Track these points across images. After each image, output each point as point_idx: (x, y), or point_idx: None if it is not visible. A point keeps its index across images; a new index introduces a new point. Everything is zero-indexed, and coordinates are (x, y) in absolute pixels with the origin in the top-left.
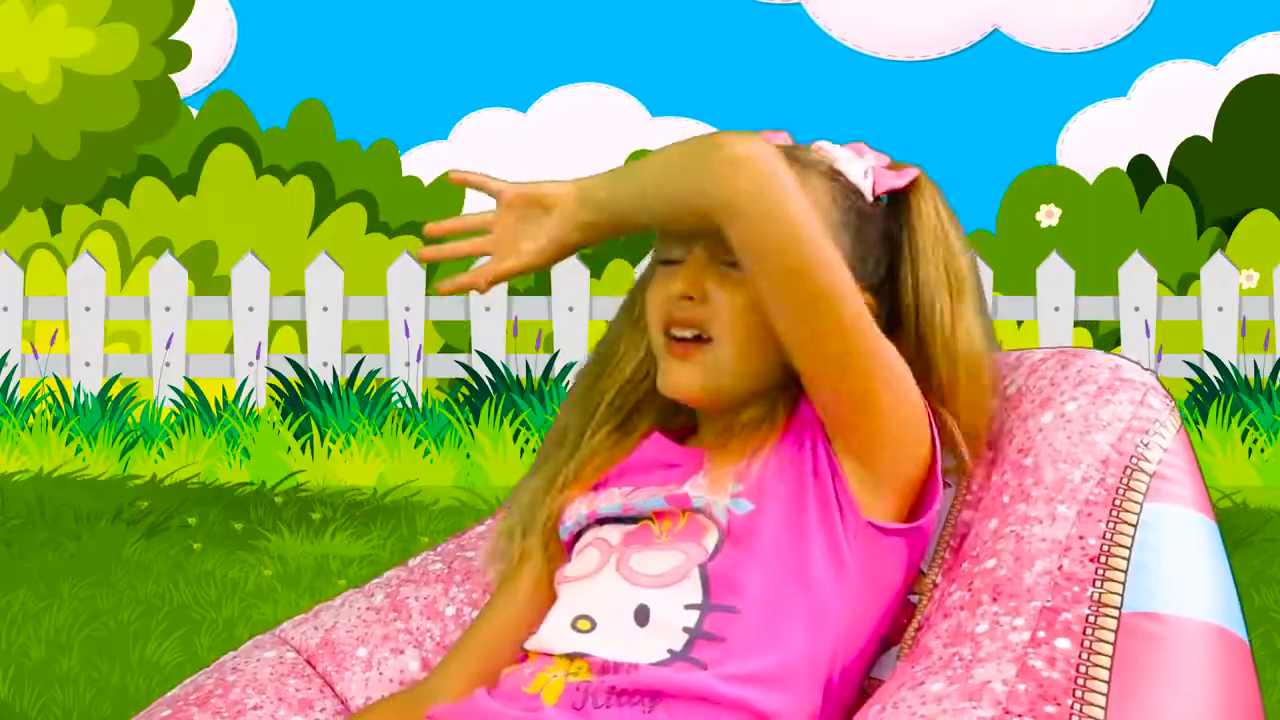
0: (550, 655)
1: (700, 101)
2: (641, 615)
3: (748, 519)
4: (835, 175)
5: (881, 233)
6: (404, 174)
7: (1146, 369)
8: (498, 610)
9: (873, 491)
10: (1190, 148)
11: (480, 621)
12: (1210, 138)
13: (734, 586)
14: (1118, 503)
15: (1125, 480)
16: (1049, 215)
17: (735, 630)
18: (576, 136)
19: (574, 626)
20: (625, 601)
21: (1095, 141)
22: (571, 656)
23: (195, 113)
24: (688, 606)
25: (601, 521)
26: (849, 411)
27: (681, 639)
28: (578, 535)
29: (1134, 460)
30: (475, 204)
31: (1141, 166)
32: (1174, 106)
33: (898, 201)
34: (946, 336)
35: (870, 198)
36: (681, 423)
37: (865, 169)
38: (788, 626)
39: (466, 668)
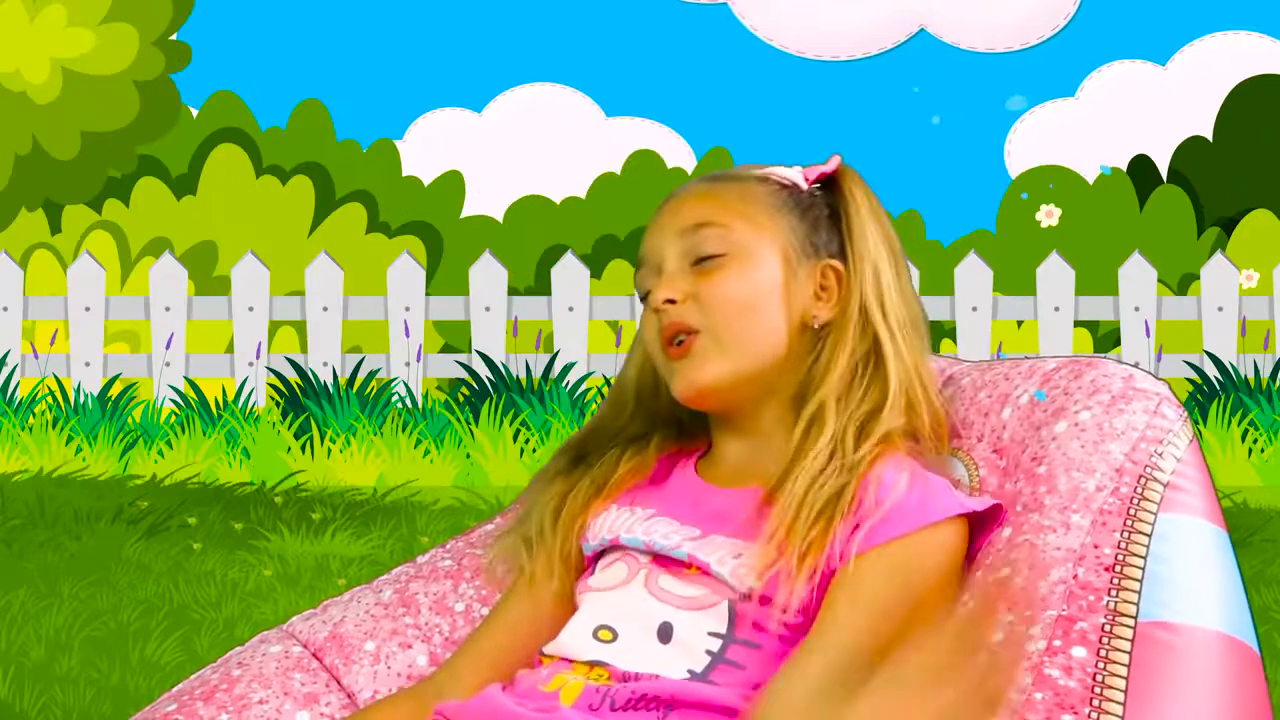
0: (570, 661)
1: (655, 102)
2: (665, 632)
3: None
4: (768, 180)
5: (827, 211)
6: (404, 174)
7: (1160, 379)
8: (509, 611)
9: None
10: (1190, 148)
11: (491, 621)
12: (1210, 137)
13: (760, 628)
14: (1132, 512)
15: (1139, 490)
16: (1049, 215)
17: (757, 662)
18: (531, 136)
19: (595, 636)
20: (650, 617)
21: (1042, 142)
22: (591, 664)
23: (195, 113)
24: (711, 634)
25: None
26: None
27: (703, 661)
28: (600, 551)
29: (1148, 470)
30: (475, 205)
31: (1141, 166)
32: (1121, 106)
33: (831, 187)
34: (889, 302)
35: (805, 185)
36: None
37: (789, 169)
38: None
39: (476, 667)
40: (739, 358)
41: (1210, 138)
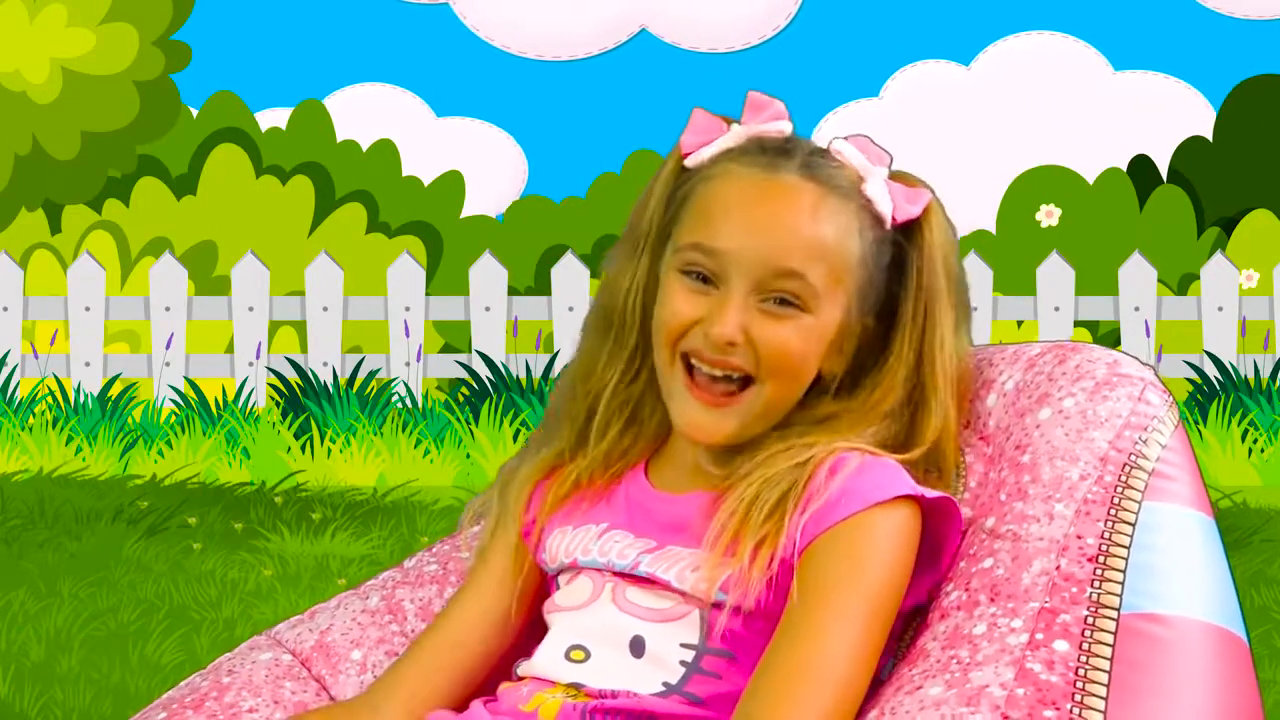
0: (548, 681)
1: (484, 101)
2: (637, 646)
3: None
4: (862, 200)
5: (891, 258)
6: (404, 174)
7: (1145, 364)
8: (444, 625)
9: None
10: (1190, 148)
11: (426, 636)
12: (1210, 137)
13: (734, 637)
14: (1116, 501)
15: (1124, 478)
16: (1049, 215)
17: (732, 671)
18: (375, 134)
19: (568, 657)
20: (621, 632)
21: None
22: (568, 685)
23: (195, 113)
24: (684, 645)
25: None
26: None
27: (678, 673)
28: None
29: (1132, 458)
30: (474, 205)
31: (1141, 166)
32: (925, 106)
33: (909, 223)
34: (947, 361)
35: (889, 227)
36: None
37: (885, 189)
38: None
39: (408, 683)
40: (765, 415)
41: (1210, 138)
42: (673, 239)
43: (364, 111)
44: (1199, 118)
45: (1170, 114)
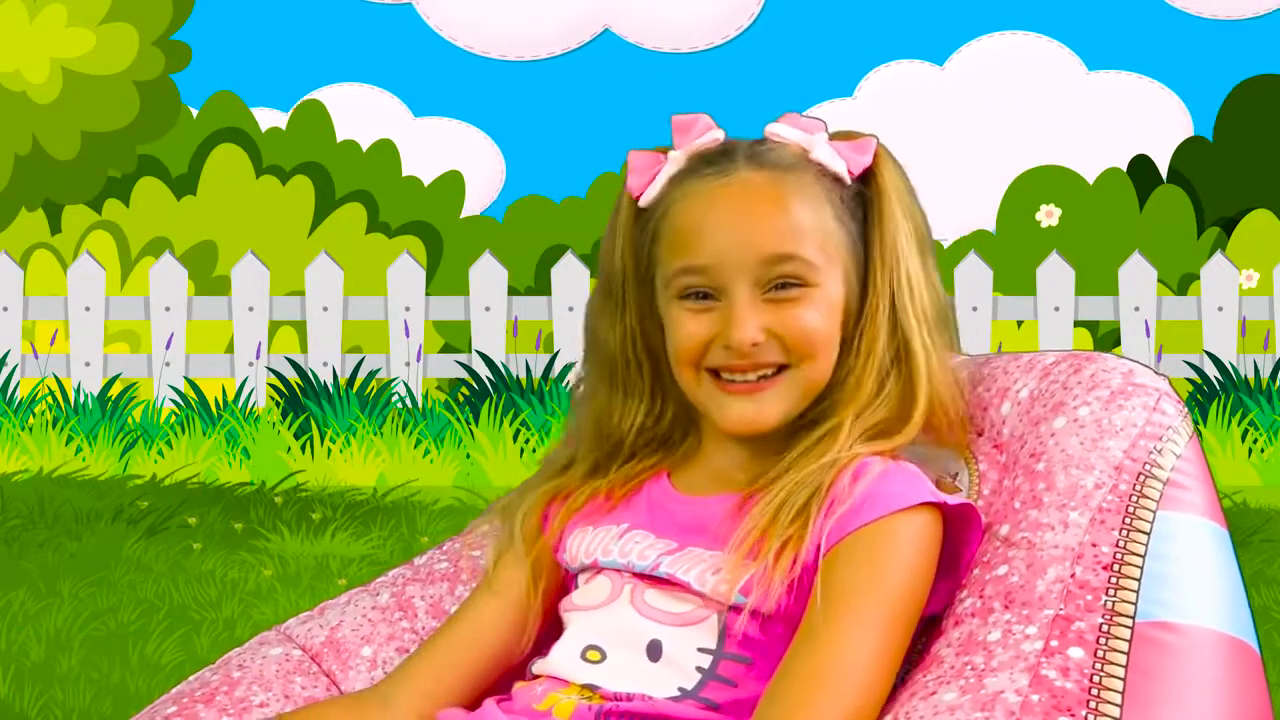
0: (563, 680)
1: (461, 102)
2: (654, 650)
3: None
4: (816, 167)
5: (863, 214)
6: (404, 174)
7: (1160, 374)
8: (461, 623)
9: None
10: (1190, 148)
11: (442, 633)
12: (1210, 137)
13: (751, 642)
14: (1131, 510)
15: (1138, 487)
16: (1049, 215)
17: (749, 679)
18: (339, 134)
19: (584, 657)
20: (638, 635)
21: None
22: (583, 686)
23: (195, 113)
24: (701, 650)
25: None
26: None
27: (694, 678)
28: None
29: (1147, 467)
30: (474, 205)
31: (1141, 166)
32: (899, 105)
33: (864, 176)
34: (919, 296)
35: (849, 180)
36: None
37: (830, 150)
38: None
39: (421, 679)
40: (809, 393)
41: (1210, 138)
42: (659, 276)
43: (348, 111)
44: (1173, 118)
45: (1145, 114)
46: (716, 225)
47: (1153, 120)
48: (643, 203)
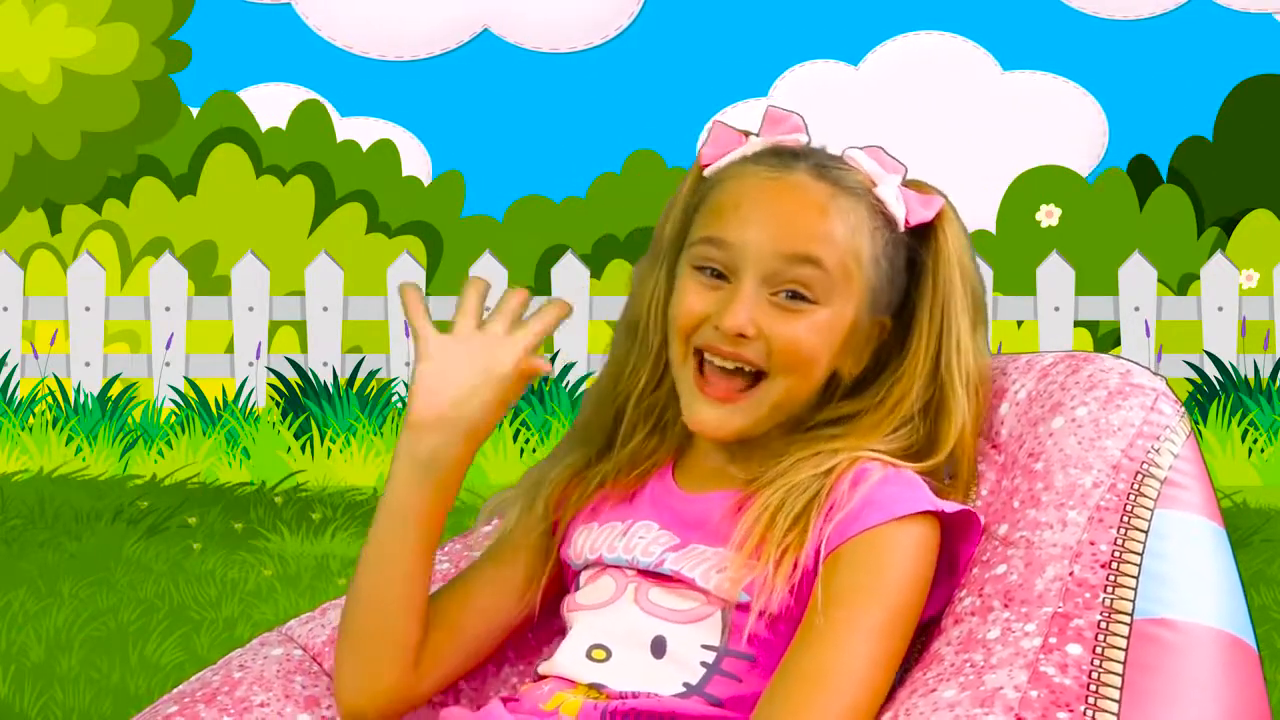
0: (569, 681)
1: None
2: (658, 647)
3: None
4: (873, 201)
5: (905, 260)
6: (403, 174)
7: (1157, 374)
8: (461, 588)
9: None
10: (1190, 148)
11: (450, 585)
12: (1210, 137)
13: (756, 639)
14: (1129, 509)
15: (1136, 486)
16: (1049, 215)
17: (752, 676)
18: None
19: (589, 656)
20: (643, 632)
21: None
22: (589, 685)
23: (195, 113)
24: (705, 646)
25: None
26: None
27: (698, 674)
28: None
29: (1145, 466)
30: (474, 205)
31: (1141, 166)
32: (814, 105)
33: (923, 227)
34: (965, 361)
35: (902, 227)
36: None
37: (897, 193)
38: None
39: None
40: (776, 412)
41: (1210, 138)
42: (688, 238)
43: (272, 107)
44: (1088, 117)
45: (1060, 114)
46: (752, 209)
47: (1068, 120)
48: (708, 173)
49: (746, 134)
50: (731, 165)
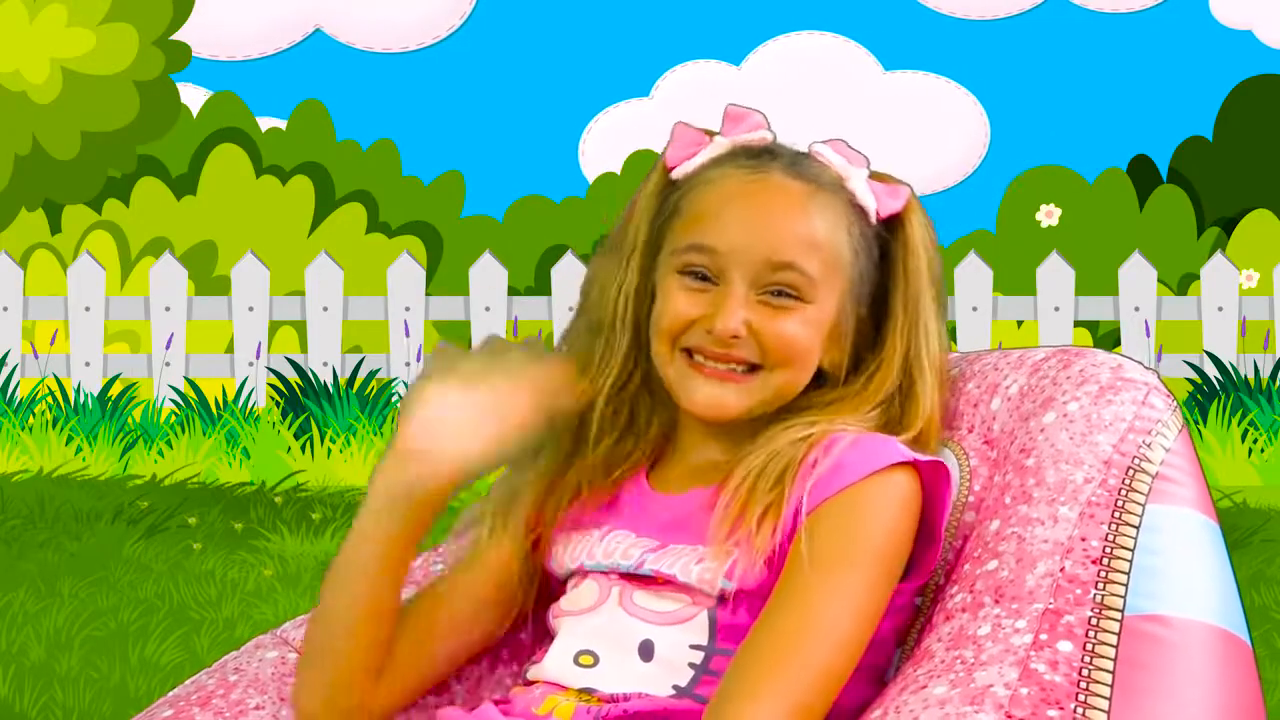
0: (559, 685)
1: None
2: (646, 650)
3: (739, 598)
4: (847, 195)
5: (879, 251)
6: (404, 174)
7: (1149, 368)
8: (436, 595)
9: None
10: (1190, 148)
11: (422, 592)
12: (1210, 137)
13: (740, 633)
14: (1120, 504)
15: (1127, 481)
16: (1049, 215)
17: None
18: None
19: (577, 662)
20: (629, 636)
21: (618, 142)
22: (580, 690)
23: (195, 112)
24: (693, 647)
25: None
26: None
27: (687, 675)
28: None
29: (1136, 461)
30: (474, 205)
31: (1141, 166)
32: (696, 105)
33: (890, 218)
34: (931, 348)
35: (874, 220)
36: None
37: (867, 186)
38: None
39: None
40: (775, 399)
41: (1210, 138)
42: (667, 245)
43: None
44: (969, 116)
45: (941, 113)
46: (736, 215)
47: (949, 119)
48: (676, 175)
49: (710, 134)
50: (704, 169)
